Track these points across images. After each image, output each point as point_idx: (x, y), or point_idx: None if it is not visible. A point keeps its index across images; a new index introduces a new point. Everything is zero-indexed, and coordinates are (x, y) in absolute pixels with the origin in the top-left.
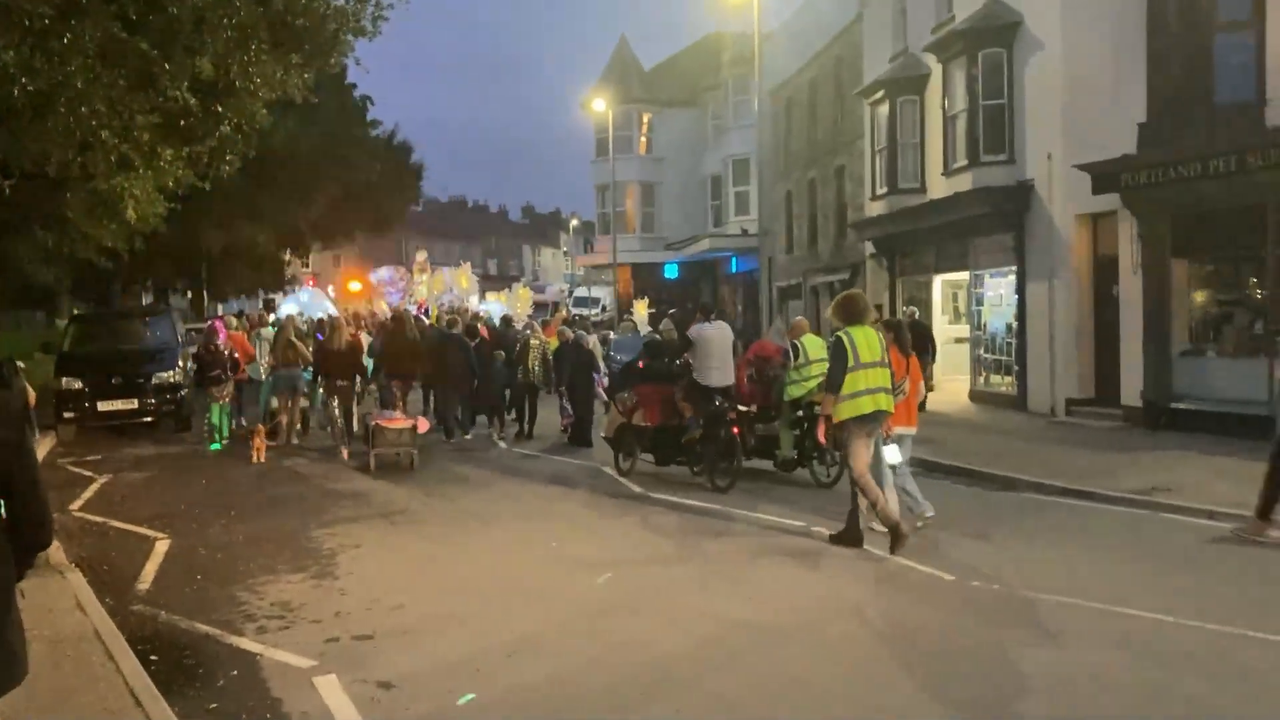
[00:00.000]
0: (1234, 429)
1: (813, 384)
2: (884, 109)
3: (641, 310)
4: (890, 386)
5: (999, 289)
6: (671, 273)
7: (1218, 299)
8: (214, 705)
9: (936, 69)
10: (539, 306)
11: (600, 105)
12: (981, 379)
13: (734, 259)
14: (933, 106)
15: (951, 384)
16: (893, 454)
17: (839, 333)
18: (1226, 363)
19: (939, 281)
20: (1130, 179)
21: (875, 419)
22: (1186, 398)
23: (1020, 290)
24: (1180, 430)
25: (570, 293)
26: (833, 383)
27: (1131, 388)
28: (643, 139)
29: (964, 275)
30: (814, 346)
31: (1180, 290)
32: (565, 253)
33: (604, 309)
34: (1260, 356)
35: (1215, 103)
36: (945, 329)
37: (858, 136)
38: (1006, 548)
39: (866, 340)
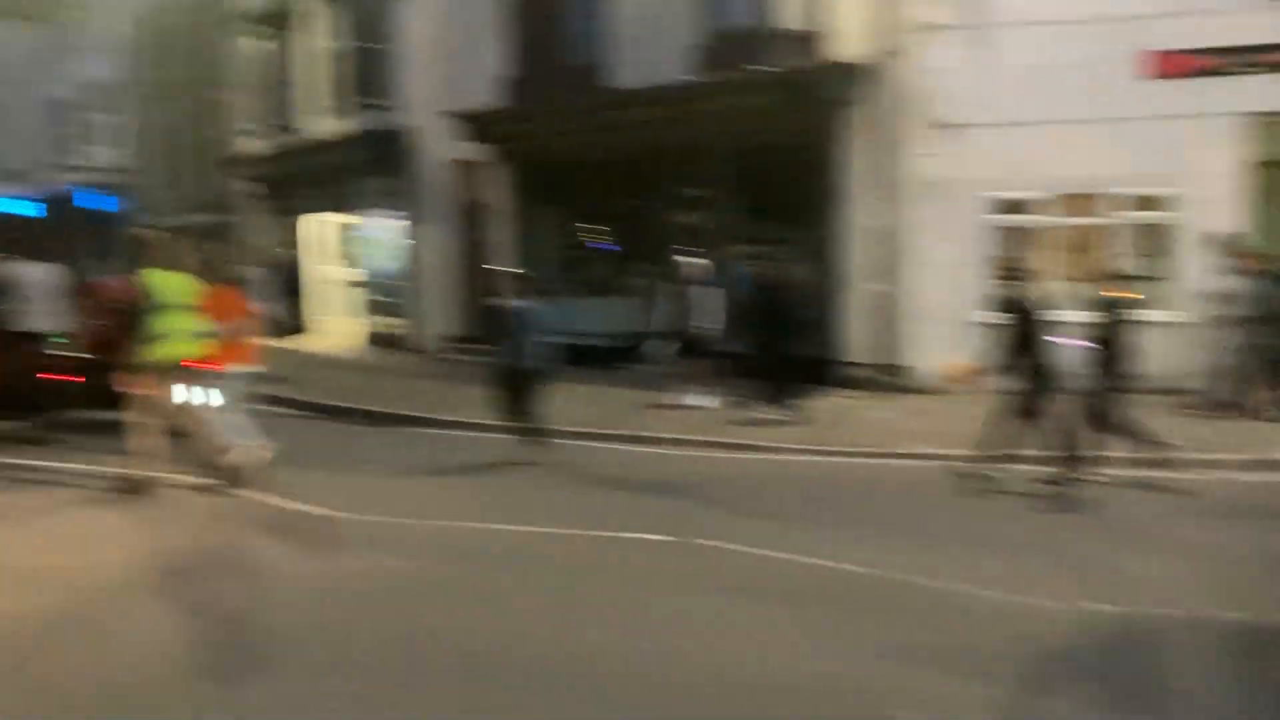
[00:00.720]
0: (582, 359)
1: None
2: (259, 43)
3: None
4: (203, 330)
5: (386, 232)
6: (10, 207)
7: (573, 244)
8: None
9: (316, 6)
10: None
11: None
12: (373, 321)
13: (90, 194)
14: (311, 44)
15: (343, 326)
16: (213, 395)
17: (142, 276)
18: (577, 301)
19: (325, 223)
20: (497, 130)
21: (179, 364)
22: (558, 334)
23: (406, 234)
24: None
25: None
26: (135, 328)
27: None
28: None
29: (350, 218)
30: (170, 286)
31: (547, 235)
32: None
33: None
34: (615, 295)
35: (566, 62)
36: (332, 271)
37: (232, 69)
38: (349, 477)
39: (171, 283)
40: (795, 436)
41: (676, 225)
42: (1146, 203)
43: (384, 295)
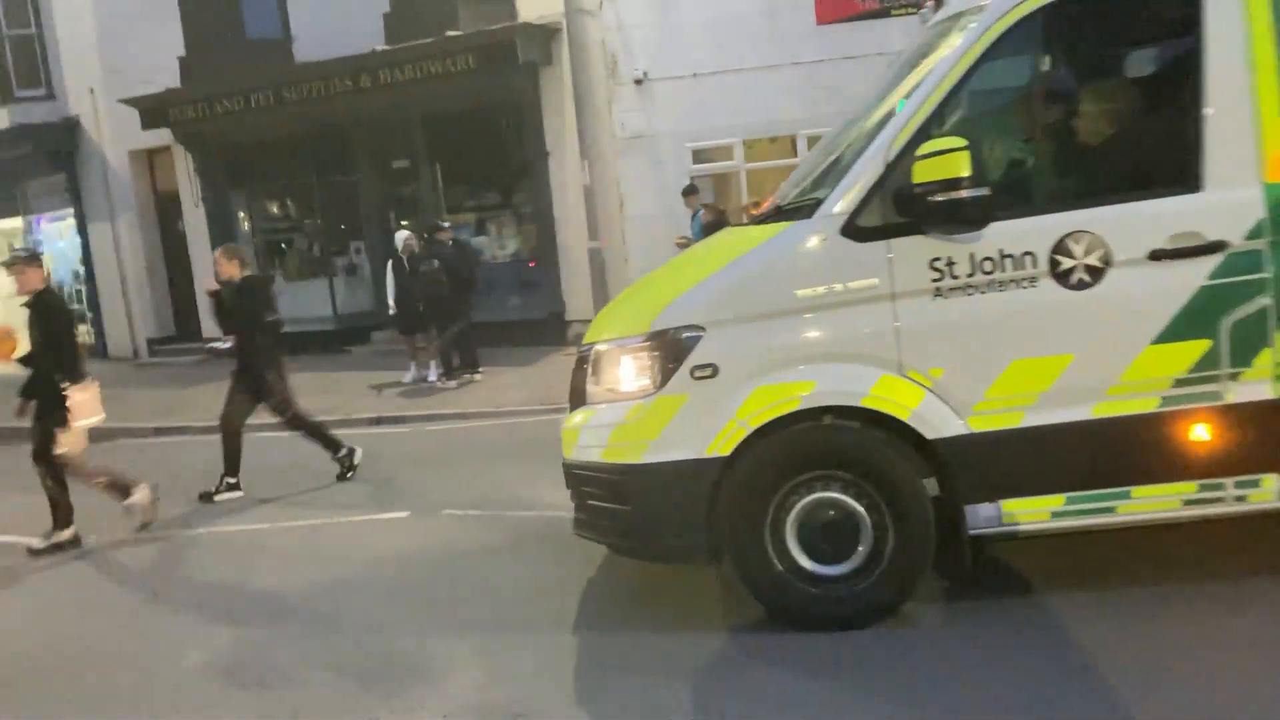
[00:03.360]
0: (306, 345)
1: None
2: None
3: None
4: None
5: (59, 234)
6: None
7: (278, 225)
8: None
9: None
10: None
11: None
12: None
13: None
14: None
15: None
16: None
17: None
18: (292, 285)
19: None
20: (178, 113)
21: None
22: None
23: (83, 233)
24: None
25: None
26: None
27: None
28: None
29: (16, 222)
30: None
31: (242, 220)
32: None
33: None
34: (321, 276)
35: (248, 38)
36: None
37: None
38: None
39: None
40: (479, 399)
41: (384, 198)
42: None
43: (68, 303)
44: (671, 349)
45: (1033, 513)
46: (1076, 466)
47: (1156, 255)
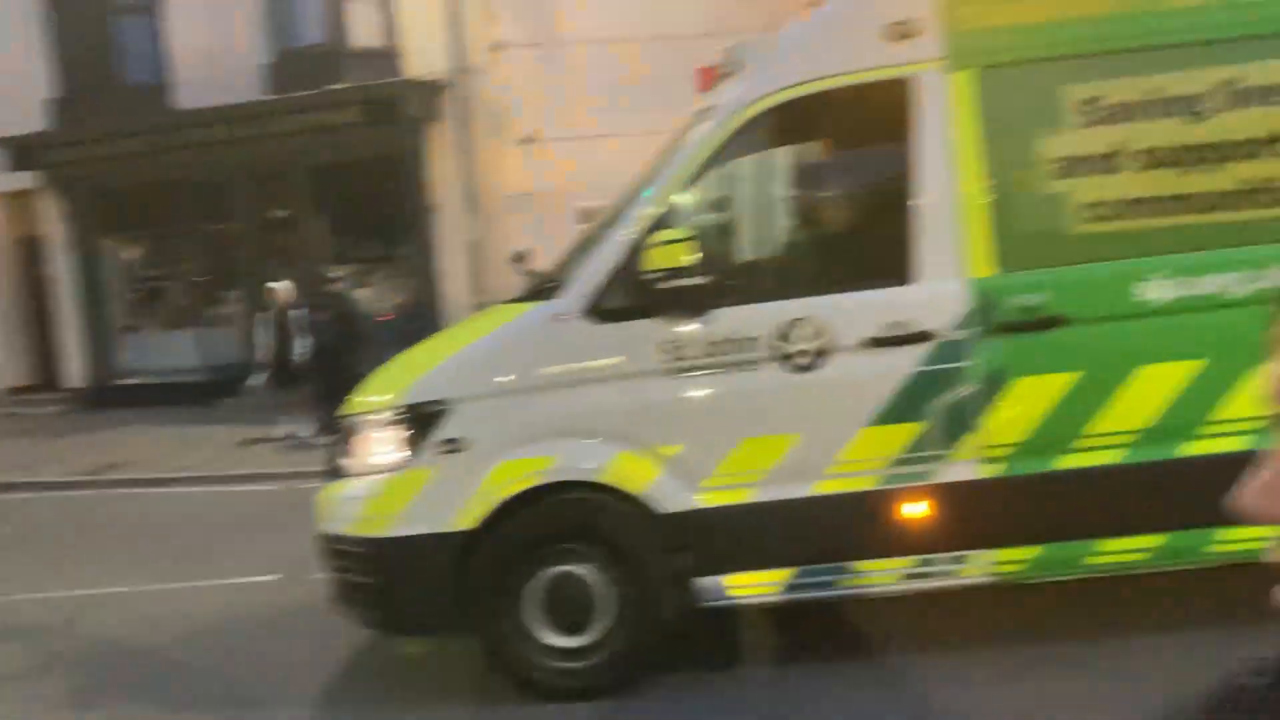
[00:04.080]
0: (176, 397)
1: None
2: None
3: None
4: None
5: None
6: None
7: (150, 274)
8: None
9: None
10: None
11: None
12: None
13: None
14: None
15: None
16: None
17: None
18: (163, 336)
19: None
20: (49, 156)
21: None
22: (130, 373)
23: None
24: (127, 407)
25: None
26: None
27: (74, 369)
28: None
29: None
30: None
31: (114, 268)
32: None
33: None
34: (193, 326)
35: (126, 82)
36: None
37: None
38: None
39: None
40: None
41: (263, 248)
42: None
43: None
44: (419, 422)
45: (757, 586)
46: (800, 541)
47: (872, 343)
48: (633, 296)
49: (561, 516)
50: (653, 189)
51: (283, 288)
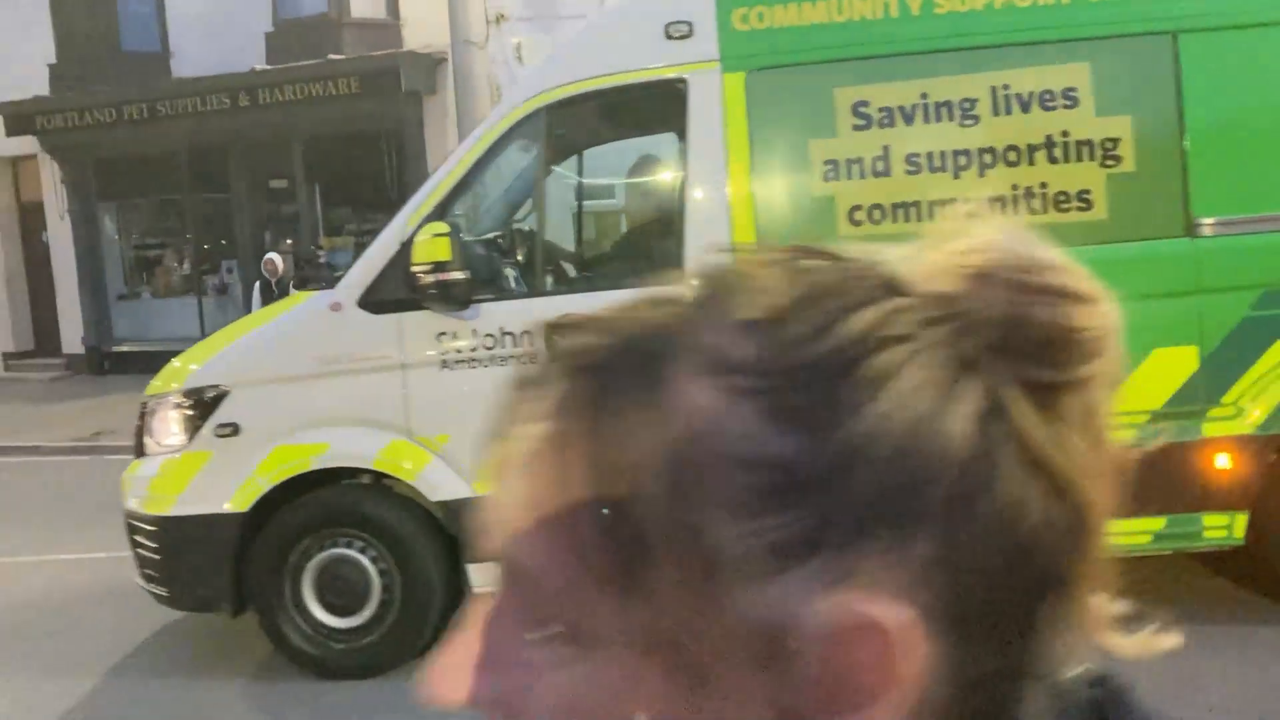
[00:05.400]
0: None
1: None
2: None
3: None
4: None
5: None
6: None
7: (148, 241)
8: None
9: None
10: None
11: None
12: None
13: None
14: None
15: None
16: None
17: None
18: (160, 303)
19: None
20: (46, 122)
21: None
22: (127, 340)
23: None
24: (124, 373)
25: None
26: None
27: (72, 335)
28: None
29: None
30: None
31: (111, 234)
32: None
33: None
34: (190, 295)
35: (123, 50)
36: None
37: None
38: None
39: None
40: None
41: (260, 218)
42: None
43: None
44: (199, 407)
45: None
46: None
47: None
48: (403, 289)
49: (336, 501)
50: (429, 184)
51: (279, 257)
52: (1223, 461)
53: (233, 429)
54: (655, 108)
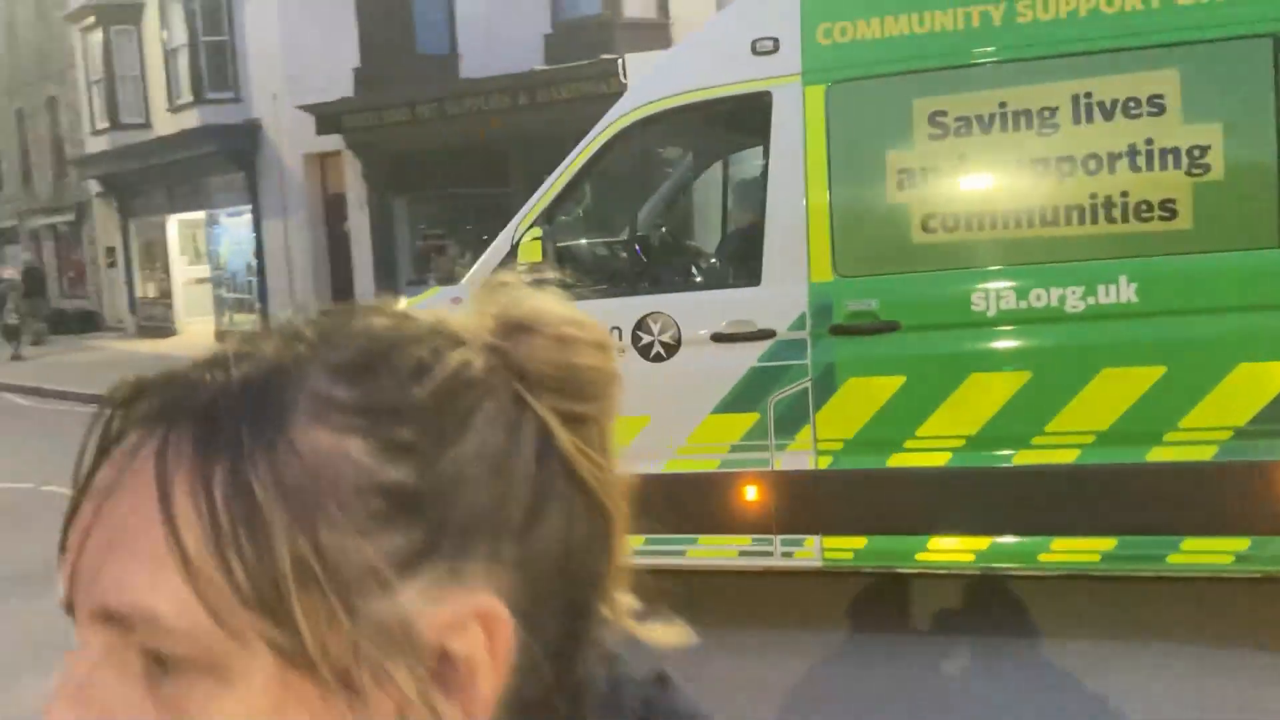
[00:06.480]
0: None
1: None
2: (97, 37)
3: None
4: None
5: (236, 228)
6: None
7: (434, 233)
8: None
9: None
10: None
11: None
12: (225, 319)
13: None
14: (152, 38)
15: (195, 325)
16: None
17: None
18: (444, 290)
19: (175, 221)
20: (350, 121)
21: None
22: None
23: (257, 229)
24: None
25: None
26: None
27: None
28: None
29: (200, 215)
30: None
31: (403, 226)
32: None
33: None
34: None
35: (418, 52)
36: (186, 270)
37: (70, 65)
38: None
39: None
40: None
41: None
42: None
43: (237, 292)
44: None
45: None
46: (651, 512)
47: (717, 337)
48: None
49: None
50: (540, 189)
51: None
52: None
53: None
54: (742, 120)
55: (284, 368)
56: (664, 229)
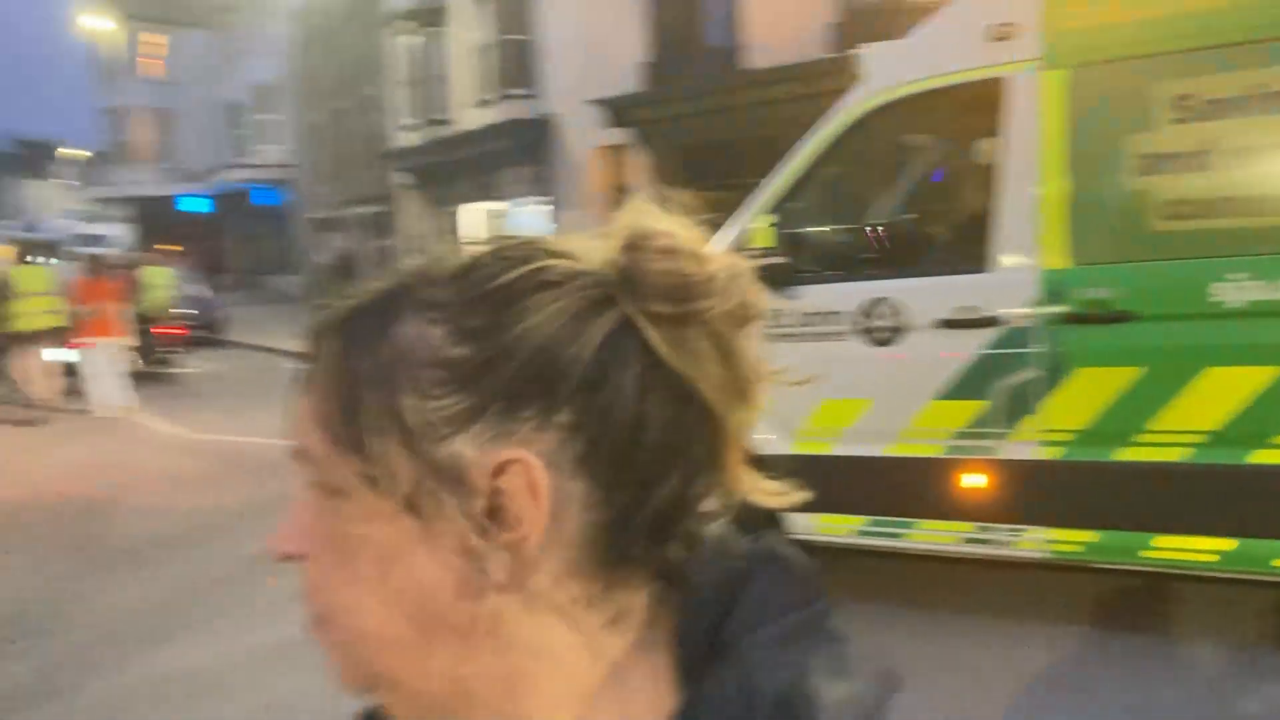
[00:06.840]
0: None
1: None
2: (408, 40)
3: None
4: (57, 309)
5: (532, 218)
6: (191, 205)
7: (718, 223)
8: None
9: (457, 1)
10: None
11: (102, 23)
12: None
13: (261, 190)
14: (461, 38)
15: None
16: (83, 357)
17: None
18: None
19: (473, 211)
20: (638, 115)
21: (42, 333)
22: None
23: (549, 219)
24: None
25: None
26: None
27: None
28: (154, 61)
29: (498, 205)
30: (27, 278)
31: (686, 217)
32: (69, 185)
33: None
34: None
35: (705, 45)
36: None
37: (384, 66)
38: None
39: (25, 275)
40: None
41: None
42: None
43: None
44: None
45: (836, 528)
46: (872, 494)
47: (944, 323)
48: None
49: None
50: (774, 176)
51: None
52: None
53: None
54: (977, 105)
55: (403, 282)
56: (891, 215)
